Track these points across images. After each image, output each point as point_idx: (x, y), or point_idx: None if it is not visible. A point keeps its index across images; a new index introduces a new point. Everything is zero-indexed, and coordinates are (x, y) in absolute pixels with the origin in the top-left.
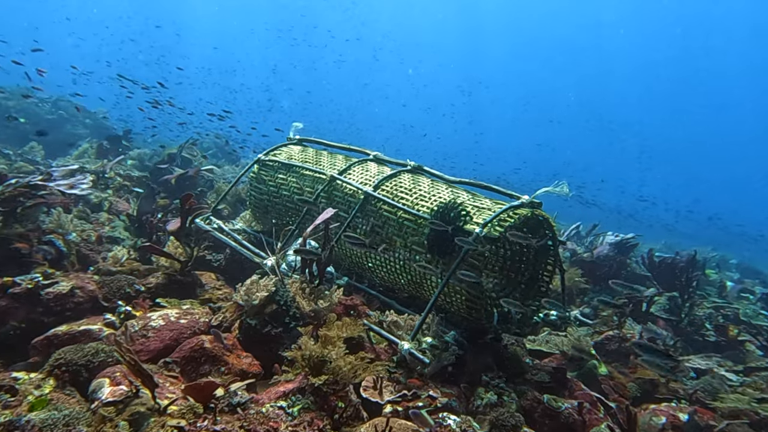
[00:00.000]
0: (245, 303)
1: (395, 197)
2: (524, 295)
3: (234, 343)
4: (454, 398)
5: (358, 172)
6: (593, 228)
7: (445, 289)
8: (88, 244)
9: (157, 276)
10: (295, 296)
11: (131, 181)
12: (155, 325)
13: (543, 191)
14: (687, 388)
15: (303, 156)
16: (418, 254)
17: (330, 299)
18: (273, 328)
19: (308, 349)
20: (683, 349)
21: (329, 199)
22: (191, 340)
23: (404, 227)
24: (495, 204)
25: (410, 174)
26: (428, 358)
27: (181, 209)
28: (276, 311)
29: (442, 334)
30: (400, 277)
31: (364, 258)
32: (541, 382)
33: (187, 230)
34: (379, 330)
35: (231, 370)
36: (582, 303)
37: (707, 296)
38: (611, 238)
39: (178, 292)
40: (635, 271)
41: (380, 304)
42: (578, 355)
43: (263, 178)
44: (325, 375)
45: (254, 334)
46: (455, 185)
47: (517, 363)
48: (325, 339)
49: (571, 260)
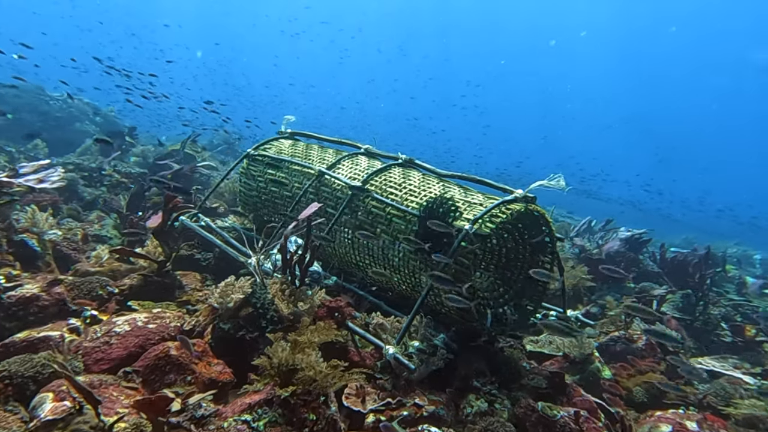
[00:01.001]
0: (220, 306)
1: (384, 192)
2: (520, 295)
3: (204, 350)
4: (442, 406)
5: (347, 167)
6: (606, 223)
7: (436, 289)
8: (71, 243)
9: (133, 277)
10: (273, 298)
11: (129, 178)
12: (120, 330)
13: (537, 185)
14: (698, 393)
15: (292, 150)
16: (409, 252)
17: (311, 301)
18: (248, 332)
19: (276, 357)
20: (697, 350)
21: (317, 195)
22: (156, 347)
23: (393, 224)
24: (488, 199)
25: (401, 168)
26: (414, 363)
27: (164, 207)
28: (252, 314)
29: (431, 337)
30: (393, 276)
31: (353, 256)
32: (538, 387)
33: (168, 229)
34: (364, 333)
35: (198, 379)
36: (589, 302)
37: (725, 293)
38: (623, 234)
39: (155, 294)
40: (647, 268)
41: (371, 305)
42: (581, 358)
43: (252, 173)
44: (293, 385)
45: (227, 340)
46: (447, 179)
47: (512, 367)
48: (295, 345)
49: (579, 257)
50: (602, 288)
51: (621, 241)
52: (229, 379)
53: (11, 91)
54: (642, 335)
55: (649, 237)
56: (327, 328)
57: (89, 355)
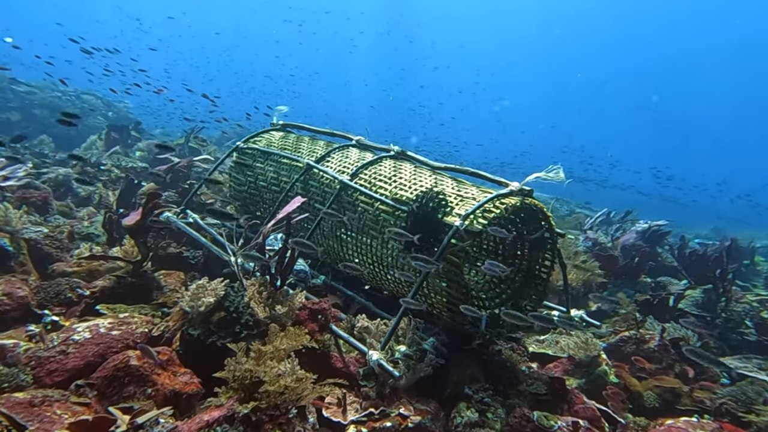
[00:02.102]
0: (191, 310)
1: (373, 186)
2: (518, 295)
3: (170, 359)
4: (430, 416)
5: (336, 160)
6: (626, 215)
7: (425, 290)
8: (54, 241)
9: (107, 278)
10: (249, 301)
11: (129, 173)
12: (78, 338)
13: (534, 177)
14: (715, 398)
15: (282, 143)
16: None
17: (290, 304)
18: (220, 338)
19: (237, 369)
20: (718, 350)
21: (305, 190)
22: (116, 357)
23: (381, 220)
24: (482, 193)
25: (393, 160)
26: (400, 370)
27: (143, 206)
28: (225, 319)
29: (420, 341)
30: (387, 275)
31: (342, 254)
32: (537, 393)
33: (145, 227)
34: (348, 337)
35: (159, 391)
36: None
37: (752, 288)
38: (641, 226)
39: (130, 296)
40: (665, 262)
41: (361, 307)
42: (586, 360)
43: (241, 167)
44: (254, 401)
45: (197, 347)
46: (441, 172)
47: (510, 372)
48: (259, 355)
49: (593, 251)
50: (616, 283)
51: (637, 233)
52: (196, 390)
53: (26, 87)
54: (655, 335)
55: (668, 229)
56: (297, 333)
57: (42, 365)
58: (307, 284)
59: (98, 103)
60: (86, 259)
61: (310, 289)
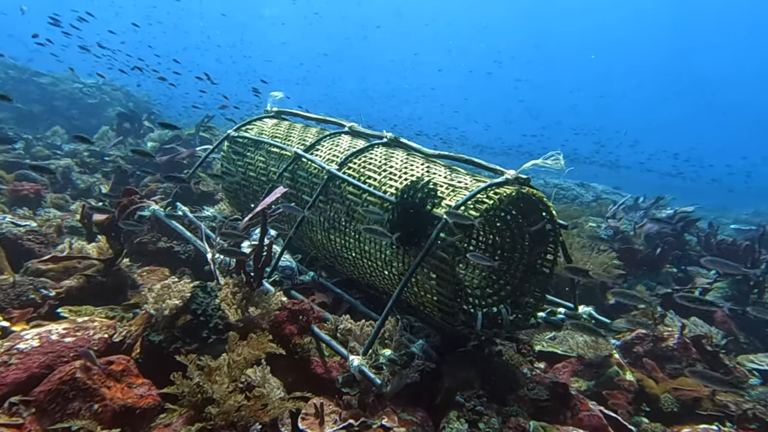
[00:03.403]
0: (157, 313)
1: (362, 176)
2: (518, 291)
3: (125, 369)
4: (415, 427)
5: (326, 148)
6: (656, 200)
7: (415, 289)
8: (38, 236)
9: (77, 277)
10: (220, 303)
11: (133, 165)
12: (25, 347)
13: (531, 164)
14: (741, 402)
15: (273, 131)
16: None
17: (265, 305)
18: (185, 344)
19: (185, 384)
20: (749, 346)
21: (293, 180)
22: (63, 368)
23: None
24: (477, 182)
25: (385, 148)
26: (383, 377)
27: (119, 202)
28: (191, 323)
29: (408, 344)
30: (376, 271)
31: (332, 248)
32: (537, 399)
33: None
34: (329, 340)
35: (108, 407)
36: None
37: None
38: (666, 212)
39: (100, 297)
40: (693, 251)
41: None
42: (597, 360)
43: (232, 157)
44: (202, 421)
45: (158, 354)
46: (434, 159)
47: (508, 375)
48: (210, 371)
49: (613, 239)
50: (636, 275)
51: (662, 221)
52: (153, 404)
53: (49, 79)
54: (674, 332)
55: (697, 216)
56: (260, 341)
57: None
58: (294, 281)
59: (117, 94)
60: (50, 260)
61: (297, 287)
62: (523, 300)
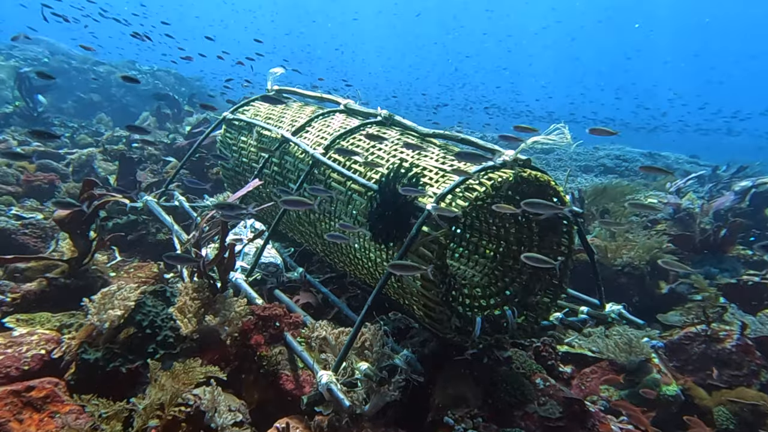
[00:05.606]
0: (99, 324)
1: (347, 161)
2: (528, 289)
3: (50, 394)
4: None
5: (316, 129)
6: (738, 170)
7: (401, 291)
8: (36, 230)
9: (39, 281)
10: (173, 313)
11: (162, 151)
12: None
13: (532, 141)
14: None
15: (269, 111)
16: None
17: (225, 314)
18: (126, 362)
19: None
20: None
21: (280, 167)
22: None
23: (352, 202)
24: (471, 165)
25: (378, 127)
26: (358, 395)
27: (79, 195)
28: (135, 337)
29: (392, 354)
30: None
31: (320, 241)
32: (547, 418)
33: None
34: (300, 351)
35: None
36: (673, 280)
37: None
38: (742, 184)
39: (64, 301)
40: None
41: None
42: (631, 366)
43: (228, 141)
44: None
45: (94, 375)
46: (430, 139)
47: (515, 388)
48: (109, 418)
49: (674, 218)
50: (695, 260)
51: (736, 194)
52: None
53: (106, 68)
54: (733, 332)
55: None
56: (186, 372)
57: None
58: (280, 279)
59: (170, 80)
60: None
61: (284, 286)
62: (532, 300)
